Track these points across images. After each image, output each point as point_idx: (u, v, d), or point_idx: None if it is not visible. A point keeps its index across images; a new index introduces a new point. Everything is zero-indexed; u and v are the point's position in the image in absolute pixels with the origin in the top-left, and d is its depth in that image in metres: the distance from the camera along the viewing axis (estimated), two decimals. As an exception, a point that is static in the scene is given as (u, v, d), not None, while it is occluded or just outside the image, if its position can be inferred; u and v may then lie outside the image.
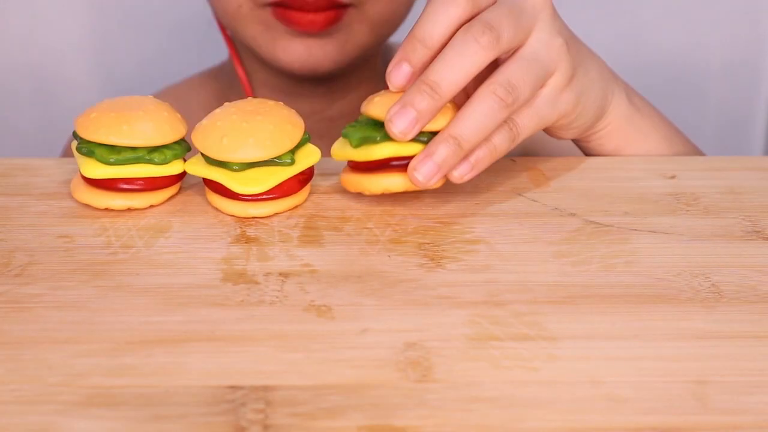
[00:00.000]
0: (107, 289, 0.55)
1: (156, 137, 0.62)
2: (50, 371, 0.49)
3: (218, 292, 0.56)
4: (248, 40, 0.80)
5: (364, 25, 0.78)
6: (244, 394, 0.48)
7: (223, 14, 0.81)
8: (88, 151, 0.62)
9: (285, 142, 0.62)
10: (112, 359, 0.50)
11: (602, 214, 0.64)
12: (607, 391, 0.48)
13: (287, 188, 0.63)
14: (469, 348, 0.51)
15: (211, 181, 0.62)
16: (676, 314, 0.54)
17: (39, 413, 0.46)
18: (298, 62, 0.78)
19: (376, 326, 0.53)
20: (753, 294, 0.56)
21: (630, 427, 0.46)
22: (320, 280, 0.57)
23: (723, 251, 0.60)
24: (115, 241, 0.60)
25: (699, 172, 0.70)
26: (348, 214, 0.63)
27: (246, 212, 0.62)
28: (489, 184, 0.67)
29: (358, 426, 0.46)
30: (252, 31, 0.79)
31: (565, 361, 0.50)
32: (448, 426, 0.46)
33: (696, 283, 0.57)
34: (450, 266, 0.58)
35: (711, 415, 0.47)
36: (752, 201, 0.66)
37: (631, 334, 0.53)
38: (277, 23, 0.78)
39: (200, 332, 0.52)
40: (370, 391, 0.48)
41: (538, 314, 0.54)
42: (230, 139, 0.61)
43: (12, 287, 0.55)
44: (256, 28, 0.79)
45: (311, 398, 0.48)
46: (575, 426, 0.46)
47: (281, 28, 0.78)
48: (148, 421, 0.46)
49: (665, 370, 0.50)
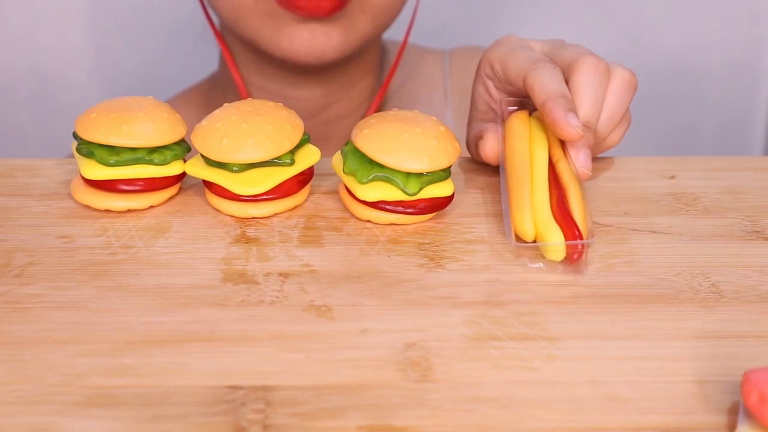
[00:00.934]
0: (107, 289, 0.55)
1: (156, 138, 0.62)
2: (50, 371, 0.49)
3: (218, 292, 0.56)
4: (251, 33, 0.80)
5: (365, 15, 0.79)
6: (244, 394, 0.48)
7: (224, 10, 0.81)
8: (88, 152, 0.62)
9: (284, 142, 0.62)
10: (112, 359, 0.50)
11: (602, 214, 0.64)
12: (607, 391, 0.49)
13: (287, 189, 0.63)
14: (469, 348, 0.51)
15: (211, 182, 0.62)
16: (676, 314, 0.54)
17: (39, 413, 0.46)
18: (304, 50, 0.78)
19: (376, 326, 0.53)
20: (753, 294, 0.56)
21: (630, 427, 0.46)
22: (320, 280, 0.57)
23: (723, 251, 0.60)
24: (115, 241, 0.60)
25: (699, 172, 0.70)
26: (348, 214, 0.63)
27: (246, 213, 0.62)
28: (489, 184, 0.67)
29: (358, 426, 0.46)
30: (255, 23, 0.79)
31: (565, 361, 0.50)
32: (448, 426, 0.46)
33: (696, 283, 0.57)
34: (450, 266, 0.58)
35: (711, 415, 0.47)
36: (752, 201, 0.66)
37: (631, 334, 0.53)
38: (281, 12, 0.78)
39: (200, 332, 0.52)
40: (370, 391, 0.48)
41: (538, 314, 0.54)
42: (230, 140, 0.61)
43: (12, 287, 0.55)
44: (259, 20, 0.79)
45: (311, 398, 0.48)
46: (575, 426, 0.46)
47: (286, 16, 0.78)
48: (148, 421, 0.46)
49: (665, 370, 0.50)
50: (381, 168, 0.61)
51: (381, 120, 0.62)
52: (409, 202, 0.61)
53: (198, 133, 0.62)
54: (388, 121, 0.62)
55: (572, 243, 0.57)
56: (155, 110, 0.63)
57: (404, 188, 0.61)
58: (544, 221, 0.58)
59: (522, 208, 0.58)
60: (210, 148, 0.61)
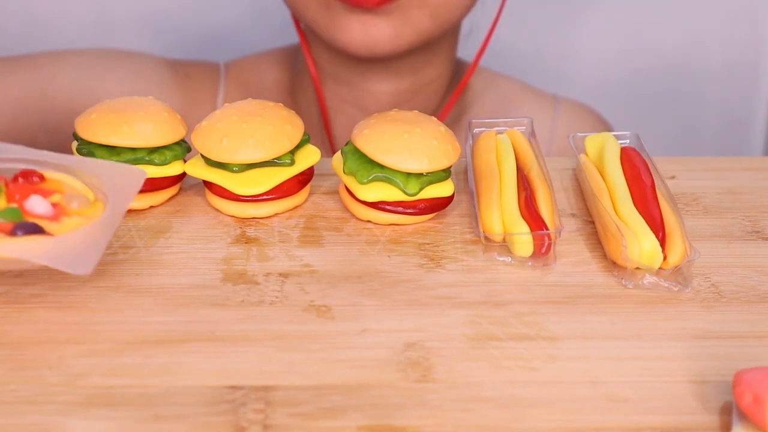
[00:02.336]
0: (107, 289, 0.55)
1: (156, 138, 0.62)
2: (50, 371, 0.49)
3: (218, 292, 0.56)
4: (310, 23, 0.81)
5: (423, 10, 0.78)
6: (244, 394, 0.48)
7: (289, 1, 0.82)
8: (88, 152, 0.62)
9: (284, 142, 0.62)
10: (112, 359, 0.50)
11: (602, 214, 0.63)
12: (607, 391, 0.49)
13: (287, 189, 0.63)
14: (469, 348, 0.51)
15: (211, 182, 0.62)
16: (676, 314, 0.54)
17: (39, 413, 0.46)
18: (355, 41, 0.78)
19: (376, 326, 0.53)
20: (753, 294, 0.56)
21: (630, 427, 0.46)
22: (320, 281, 0.57)
23: (723, 251, 0.60)
24: (115, 241, 0.60)
25: (699, 172, 0.70)
26: (348, 214, 0.63)
27: (246, 213, 0.62)
28: (489, 184, 0.67)
29: (358, 426, 0.46)
30: (313, 12, 0.80)
31: (565, 361, 0.50)
32: (448, 426, 0.46)
33: (696, 283, 0.57)
34: (450, 266, 0.58)
35: (711, 415, 0.47)
36: (752, 201, 0.66)
37: (631, 334, 0.53)
38: (335, 2, 0.78)
39: (200, 332, 0.52)
40: (370, 391, 0.48)
41: (538, 314, 0.54)
42: (230, 140, 0.61)
43: (12, 287, 0.55)
44: (316, 10, 0.80)
45: (311, 398, 0.48)
46: (575, 426, 0.46)
47: (339, 7, 0.78)
48: (148, 421, 0.46)
49: (665, 370, 0.50)
50: (381, 168, 0.61)
51: (381, 120, 0.62)
52: (409, 202, 0.61)
53: (198, 133, 0.62)
54: (388, 121, 0.62)
55: (538, 233, 0.58)
56: (155, 110, 0.63)
57: (404, 188, 0.61)
58: (511, 218, 0.59)
59: (490, 209, 0.59)
60: (210, 148, 0.61)
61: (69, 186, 0.56)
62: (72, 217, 0.53)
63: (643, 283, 0.56)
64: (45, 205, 0.53)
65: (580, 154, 0.67)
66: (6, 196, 0.54)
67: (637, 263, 0.56)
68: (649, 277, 0.56)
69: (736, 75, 1.27)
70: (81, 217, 0.53)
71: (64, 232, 0.52)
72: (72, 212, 0.54)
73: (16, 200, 0.53)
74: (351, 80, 0.84)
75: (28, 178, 0.55)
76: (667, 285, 0.56)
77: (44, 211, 0.53)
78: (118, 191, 0.55)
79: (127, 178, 0.56)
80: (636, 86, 1.23)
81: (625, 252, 0.56)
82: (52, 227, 0.52)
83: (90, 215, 0.54)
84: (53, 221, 0.52)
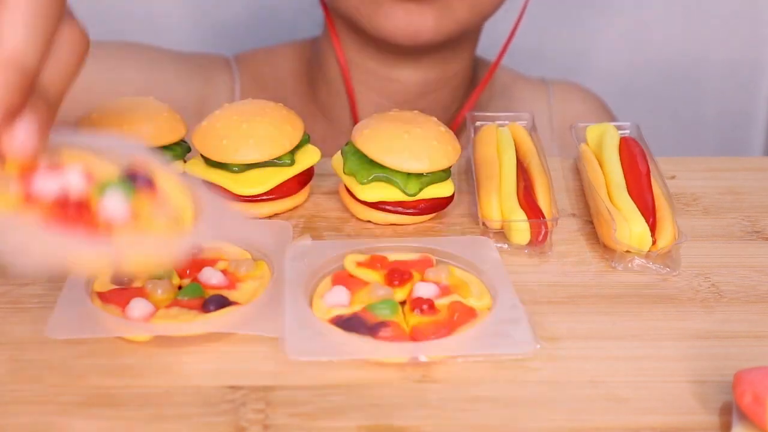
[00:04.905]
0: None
1: (156, 138, 0.62)
2: (50, 371, 0.49)
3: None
4: (351, 11, 0.82)
5: (463, 2, 0.80)
6: (244, 394, 0.48)
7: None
8: (88, 152, 0.62)
9: (284, 143, 0.62)
10: (112, 359, 0.50)
11: (602, 214, 0.63)
12: (607, 391, 0.48)
13: (287, 189, 0.63)
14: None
15: (211, 182, 0.62)
16: (676, 314, 0.54)
17: (39, 413, 0.46)
18: (400, 29, 0.79)
19: (376, 326, 0.53)
20: (753, 294, 0.56)
21: (630, 427, 0.46)
22: (320, 281, 0.57)
23: (723, 251, 0.60)
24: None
25: (699, 172, 0.70)
26: (348, 214, 0.63)
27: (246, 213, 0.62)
28: (489, 184, 0.67)
29: (358, 426, 0.46)
30: (356, 1, 0.80)
31: (565, 361, 0.50)
32: (448, 426, 0.46)
33: (696, 283, 0.57)
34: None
35: (711, 415, 0.47)
36: (752, 201, 0.66)
37: (631, 334, 0.53)
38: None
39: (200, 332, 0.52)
40: (370, 391, 0.48)
41: (538, 314, 0.54)
42: (230, 140, 0.61)
43: (12, 287, 0.55)
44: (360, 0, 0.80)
45: (311, 398, 0.48)
46: (575, 426, 0.46)
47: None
48: (148, 421, 0.46)
49: (665, 370, 0.50)
50: (381, 168, 0.61)
51: (381, 120, 0.62)
52: (409, 202, 0.61)
53: (198, 133, 0.62)
54: (389, 121, 0.62)
55: (535, 221, 0.59)
56: (155, 111, 0.63)
57: (404, 189, 0.61)
58: (510, 207, 0.60)
59: (490, 197, 0.61)
60: (210, 148, 0.61)
61: (227, 252, 0.56)
62: (246, 281, 0.54)
63: (632, 265, 0.58)
64: (218, 275, 0.54)
65: (581, 144, 0.69)
66: (177, 271, 0.54)
67: (627, 246, 0.58)
68: (638, 260, 0.58)
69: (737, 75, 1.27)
70: (254, 280, 0.54)
71: (247, 299, 0.52)
72: (242, 277, 0.54)
73: (188, 275, 0.54)
74: (378, 70, 0.85)
75: None
76: (655, 267, 0.58)
77: (219, 282, 0.54)
78: (271, 247, 0.56)
79: (275, 233, 0.58)
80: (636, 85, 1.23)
81: (615, 235, 0.57)
82: (233, 295, 0.53)
83: (259, 276, 0.55)
84: (231, 289, 0.53)
